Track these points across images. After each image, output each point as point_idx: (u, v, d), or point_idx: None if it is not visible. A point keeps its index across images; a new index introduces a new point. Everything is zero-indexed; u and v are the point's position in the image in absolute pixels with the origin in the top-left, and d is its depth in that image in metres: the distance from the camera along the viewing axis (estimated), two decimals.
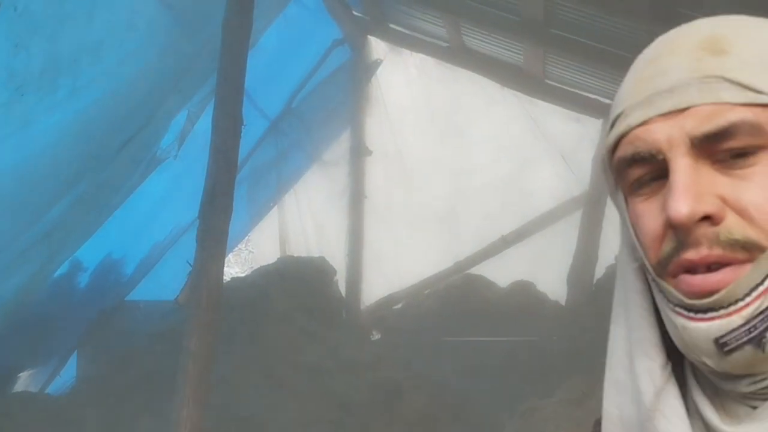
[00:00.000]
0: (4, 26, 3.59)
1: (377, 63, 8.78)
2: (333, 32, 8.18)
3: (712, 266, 0.69)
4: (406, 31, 8.57)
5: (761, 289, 0.68)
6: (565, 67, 7.69)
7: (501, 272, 8.48)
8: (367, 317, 8.48)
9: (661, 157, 0.72)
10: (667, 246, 0.72)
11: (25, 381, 6.90)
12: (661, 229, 0.72)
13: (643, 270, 0.77)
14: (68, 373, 7.21)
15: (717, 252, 0.69)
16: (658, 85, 0.73)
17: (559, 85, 8.14)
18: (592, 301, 7.91)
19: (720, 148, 0.70)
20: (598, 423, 0.85)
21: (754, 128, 0.69)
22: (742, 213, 0.69)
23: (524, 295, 8.10)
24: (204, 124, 5.58)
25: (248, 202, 8.27)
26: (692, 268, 0.70)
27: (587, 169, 8.36)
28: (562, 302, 8.17)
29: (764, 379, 0.71)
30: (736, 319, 0.68)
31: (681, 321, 0.71)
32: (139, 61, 4.82)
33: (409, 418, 6.40)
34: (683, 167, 0.70)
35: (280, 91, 8.02)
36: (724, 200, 0.69)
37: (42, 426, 6.02)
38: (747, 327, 0.68)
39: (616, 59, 6.85)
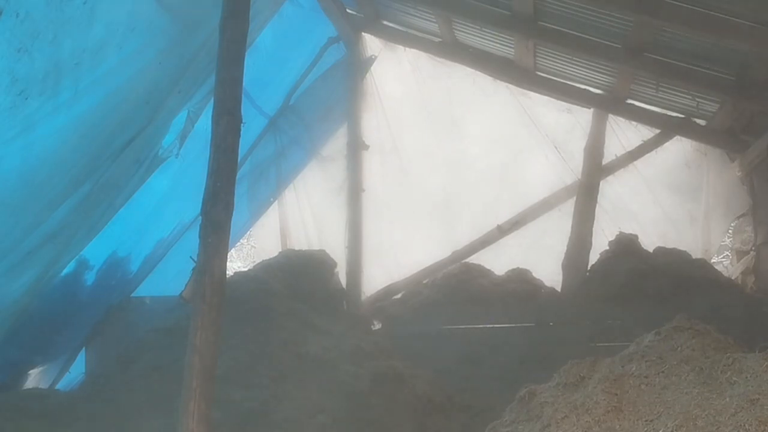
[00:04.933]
0: (6, 32, 3.59)
1: (372, 59, 8.88)
2: (328, 30, 8.27)
3: None
4: (400, 28, 8.68)
5: None
6: (555, 59, 7.79)
7: (497, 260, 8.59)
8: (367, 307, 8.59)
9: None
10: None
11: (35, 378, 6.90)
12: None
13: None
14: (77, 369, 7.23)
15: None
16: None
17: (550, 77, 8.25)
18: (586, 287, 8.01)
19: None
20: None
21: None
22: None
23: (520, 282, 8.16)
24: (204, 123, 5.61)
25: (249, 198, 8.37)
26: None
27: (579, 159, 8.47)
28: (558, 288, 8.29)
29: None
30: None
31: None
32: (140, 63, 4.84)
33: (410, 405, 6.46)
34: None
35: (278, 90, 8.12)
36: None
37: (53, 421, 6.08)
38: None
39: (605, 50, 6.96)
